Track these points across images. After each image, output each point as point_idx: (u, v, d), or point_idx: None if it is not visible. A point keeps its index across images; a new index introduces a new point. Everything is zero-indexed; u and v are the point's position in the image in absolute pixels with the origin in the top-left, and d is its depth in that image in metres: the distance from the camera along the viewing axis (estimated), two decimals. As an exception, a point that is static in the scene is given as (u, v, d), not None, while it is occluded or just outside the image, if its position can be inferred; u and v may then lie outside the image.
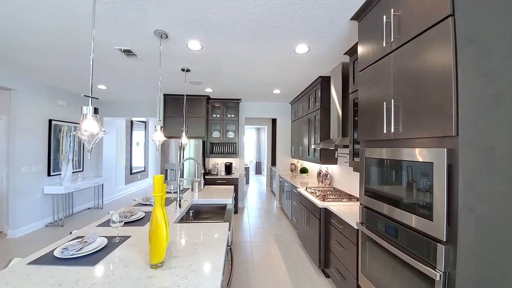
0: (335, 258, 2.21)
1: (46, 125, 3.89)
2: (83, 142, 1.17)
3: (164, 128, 4.47)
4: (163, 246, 1.08)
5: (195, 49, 2.40)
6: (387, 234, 1.43)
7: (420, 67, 1.19)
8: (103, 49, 2.43)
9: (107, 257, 1.19)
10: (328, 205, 2.38)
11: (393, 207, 1.37)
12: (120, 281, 0.98)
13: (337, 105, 2.78)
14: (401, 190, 1.31)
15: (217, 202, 2.55)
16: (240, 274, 2.48)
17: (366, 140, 1.73)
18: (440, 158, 1.06)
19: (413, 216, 1.21)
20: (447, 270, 1.05)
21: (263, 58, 2.65)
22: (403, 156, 1.29)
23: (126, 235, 1.48)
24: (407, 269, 1.26)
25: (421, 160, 1.17)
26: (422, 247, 1.17)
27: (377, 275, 1.53)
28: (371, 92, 1.62)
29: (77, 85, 3.92)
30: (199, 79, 3.49)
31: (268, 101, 5.12)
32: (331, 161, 3.33)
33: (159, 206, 1.10)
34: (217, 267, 1.11)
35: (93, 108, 1.16)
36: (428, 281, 1.12)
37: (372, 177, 1.59)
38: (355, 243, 1.84)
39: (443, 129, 1.06)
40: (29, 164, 3.61)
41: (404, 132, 1.30)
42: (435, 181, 1.09)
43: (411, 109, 1.25)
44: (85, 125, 1.12)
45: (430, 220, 1.11)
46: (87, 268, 1.08)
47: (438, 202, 1.07)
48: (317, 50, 2.42)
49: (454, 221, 1.02)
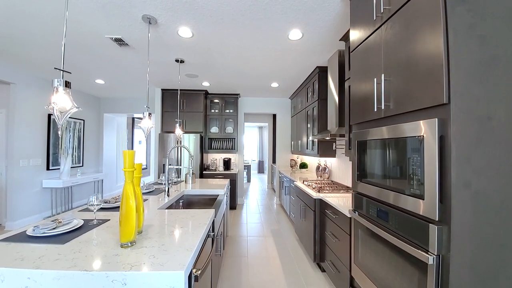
0: (330, 251, 2.12)
1: (45, 119, 3.93)
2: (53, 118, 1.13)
3: (162, 123, 4.46)
4: (132, 225, 1.02)
5: (186, 36, 2.36)
6: (378, 219, 1.34)
7: (411, 35, 1.11)
8: (94, 38, 2.42)
9: (79, 237, 1.14)
10: (323, 196, 2.29)
11: (384, 190, 1.27)
12: (84, 258, 0.93)
13: (334, 95, 2.69)
14: (392, 171, 1.22)
15: (209, 193, 2.49)
16: (232, 267, 2.41)
17: (358, 123, 1.64)
18: (431, 129, 0.97)
19: (404, 197, 1.12)
20: (441, 253, 0.95)
21: (257, 46, 2.59)
22: (394, 133, 1.20)
23: (106, 218, 1.43)
24: (399, 256, 1.17)
25: (411, 135, 1.08)
26: (414, 230, 1.07)
27: (369, 264, 1.44)
28: (363, 71, 1.54)
29: (76, 80, 3.94)
30: (194, 72, 3.46)
31: (267, 96, 5.05)
32: (329, 154, 3.23)
33: (130, 183, 1.04)
34: (190, 248, 1.04)
35: (65, 81, 1.13)
36: (421, 267, 1.03)
37: (364, 160, 1.50)
38: (348, 233, 1.74)
39: (433, 98, 0.97)
40: (28, 158, 3.64)
41: (395, 108, 1.21)
42: (426, 155, 1.00)
43: (402, 82, 1.16)
44: (55, 98, 1.08)
45: (422, 199, 1.02)
46: (55, 246, 1.03)
47: (430, 178, 0.98)
48: (311, 35, 2.34)
49: (447, 198, 0.93)
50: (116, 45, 2.58)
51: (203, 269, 1.06)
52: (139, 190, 1.18)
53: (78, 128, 4.63)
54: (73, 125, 4.48)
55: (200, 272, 1.02)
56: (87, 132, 4.94)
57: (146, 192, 2.23)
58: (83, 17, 2.03)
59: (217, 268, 1.97)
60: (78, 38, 2.42)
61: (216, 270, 1.94)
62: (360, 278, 1.54)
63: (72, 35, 2.36)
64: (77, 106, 1.17)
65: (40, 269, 0.84)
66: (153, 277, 0.84)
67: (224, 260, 2.56)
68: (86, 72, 3.55)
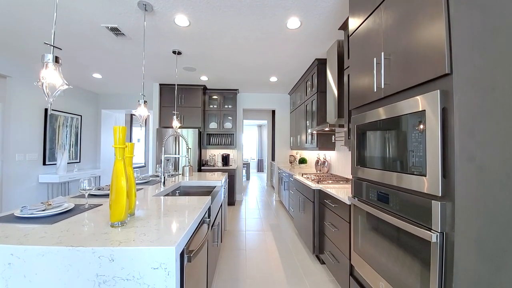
0: (329, 241, 2.07)
1: (42, 113, 3.88)
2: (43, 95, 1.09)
3: (160, 118, 4.42)
4: (123, 203, 0.98)
5: (183, 25, 2.33)
6: (379, 202, 1.30)
7: (411, 8, 1.07)
8: (91, 27, 2.38)
9: (69, 218, 1.10)
10: (322, 187, 2.25)
11: (385, 171, 1.24)
12: (72, 236, 0.89)
13: (333, 87, 2.66)
14: (393, 151, 1.18)
15: (206, 185, 2.45)
16: (230, 260, 2.36)
17: (357, 107, 1.60)
18: (433, 101, 0.93)
19: (406, 176, 1.08)
20: (444, 231, 0.91)
21: (255, 36, 2.56)
22: (394, 112, 1.16)
23: (98, 203, 1.39)
24: (401, 238, 1.13)
25: (412, 111, 1.04)
26: (416, 210, 1.03)
27: (369, 250, 1.40)
28: (362, 53, 1.50)
29: (73, 74, 3.91)
30: (192, 64, 3.43)
31: (266, 91, 5.02)
32: (328, 147, 3.19)
33: (121, 160, 1.00)
34: (183, 227, 1.00)
35: (55, 56, 1.09)
36: (424, 247, 0.99)
37: (364, 145, 1.46)
38: (347, 220, 1.70)
39: (435, 69, 0.94)
40: (24, 152, 3.59)
41: (396, 85, 1.17)
42: (428, 129, 0.96)
43: (403, 58, 1.13)
44: (45, 73, 1.05)
45: (424, 176, 0.98)
46: (43, 226, 0.99)
47: (432, 153, 0.94)
48: (310, 24, 2.31)
49: (450, 173, 0.89)
50: (112, 35, 2.55)
51: (197, 251, 1.02)
52: (131, 171, 1.14)
53: (75, 124, 4.59)
54: (70, 121, 4.44)
55: (193, 254, 0.98)
56: (85, 128, 4.90)
57: (141, 183, 2.19)
58: (78, 4, 2.00)
59: (214, 260, 1.92)
60: (74, 27, 2.39)
61: (213, 262, 1.90)
62: (360, 265, 1.50)
63: (68, 24, 2.32)
64: (67, 83, 1.13)
65: (23, 245, 0.80)
66: (142, 253, 0.80)
67: (221, 253, 2.51)
68: (83, 66, 3.51)
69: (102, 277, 0.79)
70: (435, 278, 0.92)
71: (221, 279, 2.02)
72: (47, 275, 0.79)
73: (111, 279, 0.79)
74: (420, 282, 1.00)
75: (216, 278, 2.04)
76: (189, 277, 1.01)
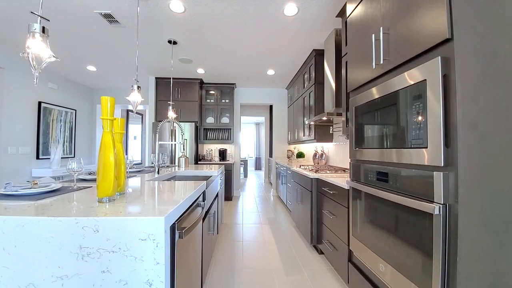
0: (327, 230, 2.04)
1: (35, 107, 3.81)
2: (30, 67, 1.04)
3: (156, 112, 4.36)
4: (111, 177, 0.93)
5: (178, 11, 2.28)
6: (377, 182, 1.27)
7: (411, -23, 1.04)
8: (84, 14, 2.33)
9: (55, 197, 1.05)
10: (320, 176, 2.21)
11: (384, 149, 1.20)
12: (55, 209, 0.84)
13: (330, 78, 2.62)
14: (391, 128, 1.15)
15: (202, 174, 2.40)
16: (226, 251, 2.31)
17: (355, 89, 1.57)
18: (434, 69, 0.90)
19: (406, 151, 1.05)
20: (447, 202, 0.88)
21: (251, 23, 2.52)
22: (394, 86, 1.13)
23: (88, 186, 1.34)
24: (401, 215, 1.09)
25: (413, 82, 1.01)
26: (417, 184, 1.00)
27: (368, 233, 1.36)
28: (360, 33, 1.47)
29: (67, 66, 3.84)
30: (188, 56, 3.38)
31: (264, 86, 4.99)
32: (326, 139, 3.16)
33: (109, 132, 0.95)
34: (175, 202, 0.96)
35: (42, 27, 1.04)
36: (426, 221, 0.95)
37: (362, 126, 1.43)
38: (346, 206, 1.66)
39: (436, 35, 0.90)
40: (16, 145, 3.52)
41: (395, 59, 1.14)
42: (429, 99, 0.93)
43: (402, 28, 1.09)
44: (31, 42, 1.00)
45: (424, 148, 0.95)
46: (26, 202, 0.94)
47: (433, 122, 0.91)
48: (307, 10, 2.28)
49: (453, 141, 0.86)
50: (106, 22, 2.50)
51: (190, 228, 0.98)
52: (121, 147, 1.09)
53: (69, 118, 4.52)
54: (64, 115, 4.37)
55: (185, 230, 0.93)
56: (79, 123, 4.83)
57: (134, 171, 2.13)
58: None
59: (209, 249, 1.88)
60: (67, 15, 2.33)
61: (209, 251, 1.85)
62: (359, 250, 1.46)
63: (61, 11, 2.27)
64: (55, 55, 1.09)
65: (2, 216, 0.75)
66: (129, 223, 0.75)
67: (218, 245, 2.46)
68: (77, 57, 3.45)
69: (86, 249, 0.74)
70: (439, 252, 0.88)
71: (217, 269, 1.98)
72: (27, 248, 0.74)
73: (96, 251, 0.75)
74: (422, 259, 0.97)
75: (212, 268, 1.99)
76: (181, 255, 0.97)
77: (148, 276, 0.75)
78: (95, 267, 0.74)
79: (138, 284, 0.75)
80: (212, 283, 1.78)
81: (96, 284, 0.74)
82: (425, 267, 0.95)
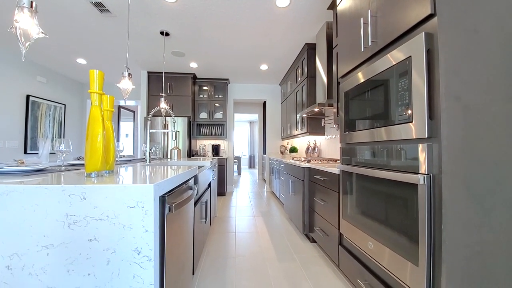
0: (319, 217, 2.06)
1: (23, 100, 3.71)
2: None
3: (148, 107, 4.31)
4: (99, 152, 0.92)
5: (171, 0, 2.27)
6: (367, 161, 1.29)
7: (397, -41, 1.07)
8: (74, 2, 2.29)
9: (42, 174, 1.03)
10: (311, 165, 2.23)
11: (373, 129, 1.23)
12: (41, 180, 0.82)
13: (322, 70, 2.66)
14: (379, 107, 1.17)
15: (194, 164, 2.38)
16: (219, 242, 2.31)
17: (345, 74, 1.60)
18: (418, 45, 0.93)
19: (393, 127, 1.08)
20: (432, 173, 0.91)
21: (244, 15, 2.53)
22: (381, 67, 1.16)
23: (76, 168, 1.31)
24: (388, 193, 1.12)
25: (399, 60, 1.04)
26: (404, 159, 1.03)
27: (357, 214, 1.38)
28: (350, 19, 1.50)
29: (56, 59, 3.76)
30: (180, 48, 3.36)
31: (257, 82, 5.00)
32: (318, 131, 3.19)
33: (97, 106, 0.94)
34: (164, 175, 0.95)
35: (31, 2, 1.02)
36: (411, 197, 0.98)
37: (352, 110, 1.45)
38: (336, 190, 1.69)
39: (419, 11, 0.93)
40: (3, 139, 3.41)
41: (382, 40, 1.17)
42: (413, 74, 0.96)
43: (388, 11, 1.12)
44: (19, 16, 0.98)
45: (411, 122, 0.98)
46: (11, 179, 0.91)
47: (418, 96, 0.94)
48: (299, 2, 2.30)
49: (436, 113, 0.88)
50: (97, 11, 2.46)
51: (180, 204, 0.97)
52: (110, 125, 1.08)
53: (58, 113, 4.41)
54: (53, 109, 4.27)
55: (175, 205, 0.93)
56: (69, 118, 4.72)
57: (124, 160, 2.11)
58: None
59: (201, 240, 1.87)
60: (56, 1, 2.28)
61: (201, 242, 1.84)
62: (348, 231, 1.48)
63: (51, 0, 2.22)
64: (43, 32, 1.07)
65: (-16, 185, 0.73)
66: (117, 190, 0.75)
67: (210, 236, 2.45)
68: (67, 49, 3.38)
69: (72, 217, 0.73)
70: (424, 222, 0.91)
71: (210, 258, 1.97)
72: (11, 216, 0.72)
73: (83, 219, 0.74)
74: (408, 232, 0.99)
75: (204, 257, 1.98)
76: (171, 229, 0.96)
77: (136, 243, 0.75)
78: (82, 235, 0.73)
79: (127, 252, 0.74)
80: (205, 269, 1.77)
81: (83, 253, 0.73)
82: (412, 239, 0.97)
